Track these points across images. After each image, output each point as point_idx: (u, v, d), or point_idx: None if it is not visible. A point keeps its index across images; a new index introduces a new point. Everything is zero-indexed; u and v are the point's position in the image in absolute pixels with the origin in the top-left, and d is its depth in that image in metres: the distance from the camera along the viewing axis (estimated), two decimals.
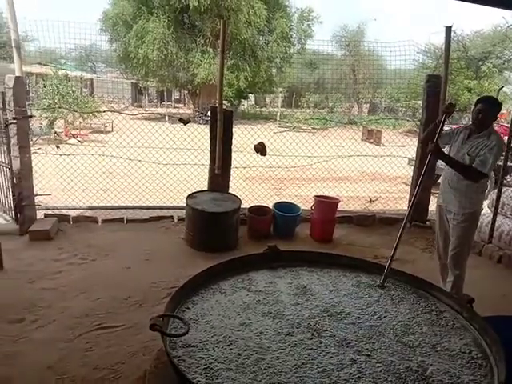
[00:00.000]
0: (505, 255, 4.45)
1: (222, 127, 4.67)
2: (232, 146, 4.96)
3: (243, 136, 5.96)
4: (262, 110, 29.79)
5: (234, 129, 4.95)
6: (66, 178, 5.58)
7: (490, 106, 3.05)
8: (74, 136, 13.08)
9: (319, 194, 5.21)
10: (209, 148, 4.89)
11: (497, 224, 4.79)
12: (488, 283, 3.93)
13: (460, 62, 21.26)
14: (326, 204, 4.94)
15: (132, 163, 5.68)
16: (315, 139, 8.19)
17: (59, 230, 4.62)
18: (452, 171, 3.17)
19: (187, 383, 1.71)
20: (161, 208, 5.47)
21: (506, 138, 5.06)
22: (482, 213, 5.40)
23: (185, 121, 4.79)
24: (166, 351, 1.89)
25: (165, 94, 24.70)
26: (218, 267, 2.66)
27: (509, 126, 4.86)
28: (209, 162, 4.95)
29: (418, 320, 2.28)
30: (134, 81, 27.02)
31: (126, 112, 7.15)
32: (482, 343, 2.09)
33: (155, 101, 30.87)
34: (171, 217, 5.13)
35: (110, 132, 15.38)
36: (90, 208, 5.31)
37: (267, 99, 34.60)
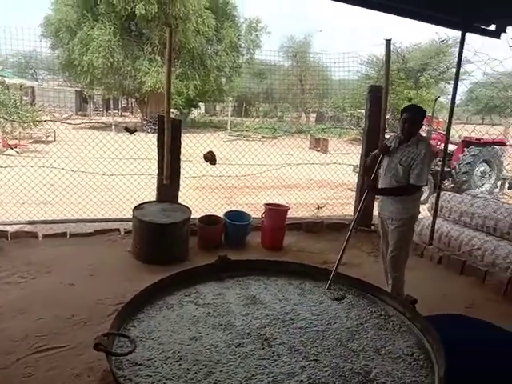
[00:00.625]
0: (444, 256, 4.69)
1: (170, 136, 4.59)
2: (181, 155, 4.89)
3: (192, 145, 5.91)
4: (212, 118, 29.75)
5: (184, 138, 4.89)
6: (3, 191, 5.23)
7: (414, 115, 3.17)
8: (11, 147, 12.32)
9: (269, 202, 5.25)
10: (157, 158, 4.80)
11: (436, 226, 5.04)
12: (429, 284, 4.12)
13: (400, 73, 22.41)
14: (275, 212, 4.99)
15: (75, 175, 5.43)
16: (264, 148, 8.28)
17: None
18: (387, 181, 3.29)
19: None
20: (106, 221, 5.26)
21: (442, 145, 5.37)
22: (423, 216, 5.69)
23: (131, 130, 4.67)
24: (111, 371, 1.81)
25: (111, 102, 23.99)
26: (165, 281, 2.60)
27: (445, 133, 5.16)
28: (157, 172, 4.85)
29: (365, 325, 2.34)
30: (78, 89, 26.06)
31: (68, 121, 6.85)
32: (425, 343, 2.17)
33: (101, 109, 29.93)
34: (117, 229, 4.95)
35: (51, 142, 14.70)
36: (30, 223, 5.01)
37: (217, 108, 34.62)
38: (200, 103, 28.03)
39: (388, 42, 5.00)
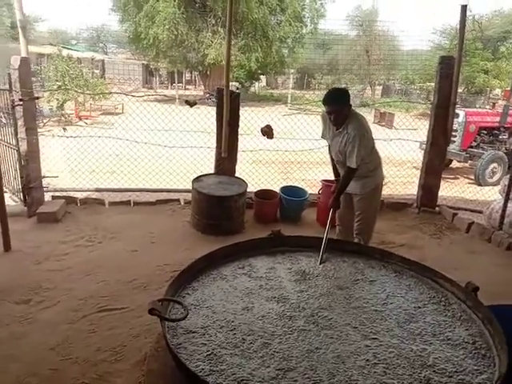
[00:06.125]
0: None
1: (229, 109, 4.60)
2: (240, 129, 4.89)
3: (250, 118, 5.87)
4: (273, 91, 29.47)
5: (244, 111, 4.87)
6: (73, 160, 5.57)
7: (336, 104, 3.05)
8: (80, 118, 13.03)
9: (326, 179, 5.13)
10: (216, 131, 4.84)
11: (508, 210, 4.67)
12: (495, 270, 3.86)
13: (476, 42, 20.63)
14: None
15: (138, 146, 5.64)
16: None
17: (67, 212, 4.64)
18: (340, 166, 3.37)
19: (189, 373, 1.67)
20: (168, 191, 5.45)
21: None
22: (493, 198, 5.32)
23: (191, 103, 4.73)
24: (164, 337, 1.88)
25: (175, 75, 24.51)
26: (218, 252, 2.65)
27: None
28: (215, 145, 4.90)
29: (423, 309, 2.26)
30: (144, 62, 26.88)
31: (133, 94, 7.08)
32: (486, 334, 2.05)
33: (166, 82, 30.73)
34: (178, 200, 5.12)
35: (120, 114, 15.38)
36: (98, 190, 5.31)
37: (279, 80, 34.21)
38: (261, 76, 27.82)
39: (463, 7, 4.59)
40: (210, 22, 20.36)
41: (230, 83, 4.59)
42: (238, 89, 21.27)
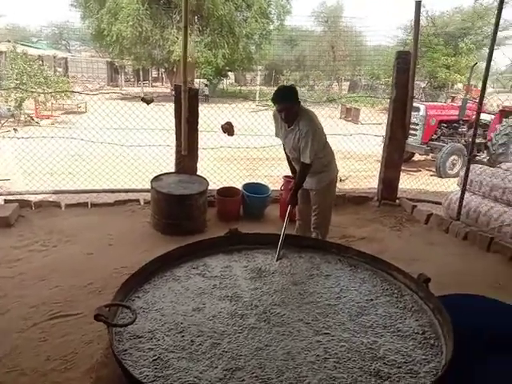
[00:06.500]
0: (471, 232, 4.46)
1: (187, 106, 4.52)
2: (204, 126, 4.81)
3: (210, 116, 5.76)
4: (242, 88, 29.40)
5: (210, 108, 4.79)
6: (26, 161, 5.34)
7: (285, 101, 3.08)
8: (32, 118, 12.53)
9: (288, 175, 5.12)
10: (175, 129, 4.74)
11: (465, 201, 4.80)
12: (452, 260, 3.96)
13: (434, 38, 21.18)
14: None
15: (95, 145, 5.45)
16: None
17: (20, 216, 4.44)
18: (295, 162, 3.40)
19: (132, 380, 1.64)
20: (127, 191, 5.32)
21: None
22: (451, 190, 5.45)
23: (147, 100, 4.61)
24: (110, 343, 1.82)
25: (141, 72, 24.06)
26: (173, 253, 2.60)
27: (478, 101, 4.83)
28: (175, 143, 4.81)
29: (375, 302, 2.28)
30: (109, 59, 26.26)
31: (87, 92, 6.84)
32: (436, 323, 2.09)
33: (132, 80, 30.12)
34: (137, 200, 4.99)
35: (83, 113, 14.95)
36: (54, 192, 5.12)
37: (247, 77, 34.16)
38: (229, 72, 27.69)
39: (418, 3, 4.66)
40: (174, 18, 20.07)
41: (198, 80, 4.53)
42: (206, 85, 21.15)
